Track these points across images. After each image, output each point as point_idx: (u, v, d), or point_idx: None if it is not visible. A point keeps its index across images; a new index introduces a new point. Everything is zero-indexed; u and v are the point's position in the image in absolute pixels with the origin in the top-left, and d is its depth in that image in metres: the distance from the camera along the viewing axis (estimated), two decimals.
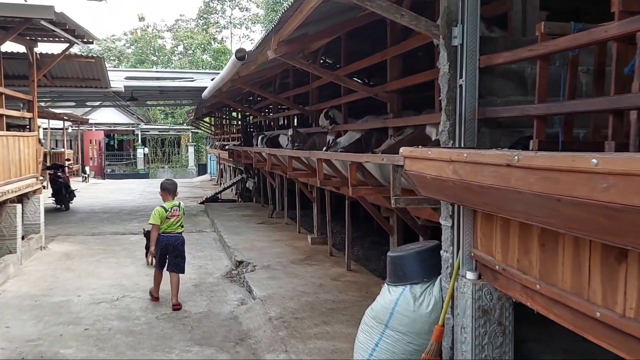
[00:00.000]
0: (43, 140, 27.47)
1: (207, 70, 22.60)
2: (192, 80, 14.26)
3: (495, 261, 3.29)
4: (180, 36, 51.20)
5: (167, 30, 53.85)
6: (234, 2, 52.05)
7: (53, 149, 30.45)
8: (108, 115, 38.96)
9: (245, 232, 11.53)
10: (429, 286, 4.04)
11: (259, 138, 12.70)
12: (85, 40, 9.99)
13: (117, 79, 13.48)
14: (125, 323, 6.13)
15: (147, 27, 52.34)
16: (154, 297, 6.94)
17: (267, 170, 10.58)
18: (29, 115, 10.08)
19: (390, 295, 4.14)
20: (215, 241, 11.59)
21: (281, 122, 15.84)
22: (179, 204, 6.86)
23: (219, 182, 29.26)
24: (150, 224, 6.71)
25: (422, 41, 5.38)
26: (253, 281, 7.47)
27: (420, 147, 3.56)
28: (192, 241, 11.54)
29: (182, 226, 6.89)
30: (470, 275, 3.59)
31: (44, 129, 27.60)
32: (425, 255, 4.15)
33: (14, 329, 5.91)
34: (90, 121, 35.65)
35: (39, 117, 25.20)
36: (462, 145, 3.59)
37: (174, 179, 7.41)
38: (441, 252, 4.00)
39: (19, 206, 8.76)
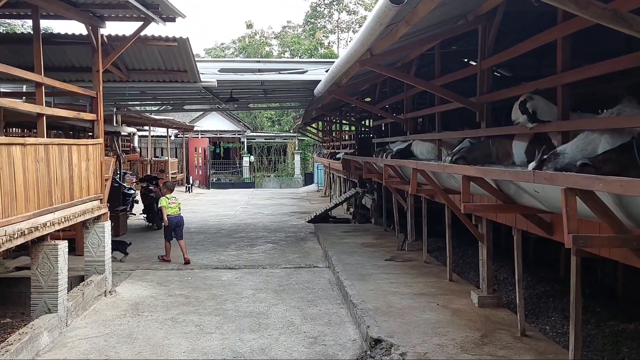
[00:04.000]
0: (138, 148, 26.18)
1: (319, 60, 19.70)
2: (303, 72, 11.42)
3: None
4: (287, 42, 49.84)
5: (275, 37, 52.82)
6: (341, 5, 49.89)
7: (157, 157, 29.24)
8: (214, 123, 37.62)
9: (373, 276, 8.36)
10: None
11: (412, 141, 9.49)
12: (162, 14, 7.34)
13: (209, 72, 10.89)
14: None
15: (255, 34, 51.51)
16: (167, 259, 10.19)
17: (411, 193, 7.37)
18: (90, 116, 7.57)
19: None
20: (331, 285, 8.53)
21: (402, 129, 12.53)
22: (175, 197, 10.56)
23: (326, 193, 26.56)
24: (161, 206, 10.27)
25: None
26: None
27: None
28: (302, 284, 8.58)
29: (180, 209, 10.48)
30: None
31: (140, 136, 26.23)
32: None
33: None
34: (195, 128, 34.37)
35: (139, 124, 23.81)
36: None
37: (173, 182, 13.44)
38: None
39: (61, 245, 6.16)
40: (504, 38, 7.73)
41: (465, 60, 11.99)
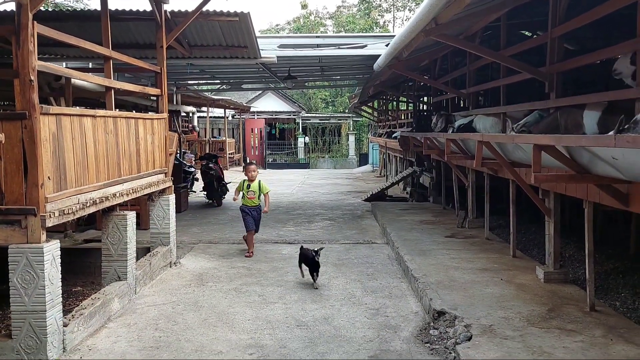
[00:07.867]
0: (198, 127, 26.72)
1: (379, 34, 19.46)
2: (363, 46, 11.29)
3: None
4: (342, 22, 49.40)
5: (329, 18, 52.45)
6: None
7: (215, 137, 29.76)
8: (270, 104, 38.02)
9: (433, 252, 8.26)
10: None
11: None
12: None
13: (269, 48, 10.95)
14: None
15: (310, 15, 51.31)
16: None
17: (476, 167, 7.19)
18: (155, 91, 7.75)
19: None
20: (390, 260, 8.49)
21: (464, 105, 12.15)
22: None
23: (381, 173, 26.42)
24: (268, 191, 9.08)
25: None
26: None
27: None
28: (361, 259, 8.58)
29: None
30: None
31: (199, 117, 26.75)
32: None
33: None
34: (252, 109, 34.79)
35: (197, 104, 24.23)
36: None
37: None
38: None
39: (130, 215, 6.38)
40: (572, 8, 7.38)
41: (524, 32, 11.57)
